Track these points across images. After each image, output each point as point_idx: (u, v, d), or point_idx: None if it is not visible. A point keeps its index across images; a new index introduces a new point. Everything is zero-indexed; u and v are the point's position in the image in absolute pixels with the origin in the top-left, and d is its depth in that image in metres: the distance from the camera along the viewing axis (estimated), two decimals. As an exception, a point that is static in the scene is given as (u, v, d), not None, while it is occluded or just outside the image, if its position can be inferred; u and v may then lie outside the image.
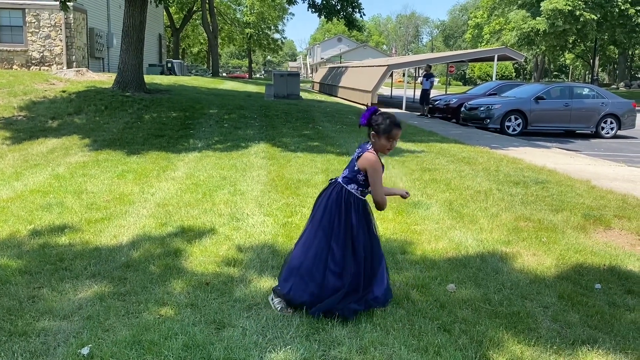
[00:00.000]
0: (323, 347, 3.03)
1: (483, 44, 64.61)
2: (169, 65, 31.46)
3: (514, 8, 44.47)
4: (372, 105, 3.41)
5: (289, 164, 8.38)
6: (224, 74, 61.83)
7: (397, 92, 35.53)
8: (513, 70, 73.29)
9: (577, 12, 35.87)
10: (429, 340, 3.12)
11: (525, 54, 41.87)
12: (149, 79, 18.92)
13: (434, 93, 21.24)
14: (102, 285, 3.81)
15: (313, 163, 8.39)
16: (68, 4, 14.30)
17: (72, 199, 6.13)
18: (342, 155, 9.21)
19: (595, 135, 15.47)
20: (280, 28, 62.04)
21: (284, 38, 68.14)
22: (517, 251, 4.74)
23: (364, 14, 19.73)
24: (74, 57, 21.69)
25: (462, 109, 16.79)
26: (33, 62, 21.57)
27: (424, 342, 3.10)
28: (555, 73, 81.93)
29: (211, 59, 44.39)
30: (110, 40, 25.63)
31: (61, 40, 21.47)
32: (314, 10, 18.83)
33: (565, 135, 15.62)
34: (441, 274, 4.14)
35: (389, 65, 23.73)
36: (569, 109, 15.22)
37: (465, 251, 4.70)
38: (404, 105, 22.77)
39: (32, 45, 21.49)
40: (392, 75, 34.23)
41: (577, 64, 70.33)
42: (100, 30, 24.54)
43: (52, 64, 21.54)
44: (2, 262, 4.20)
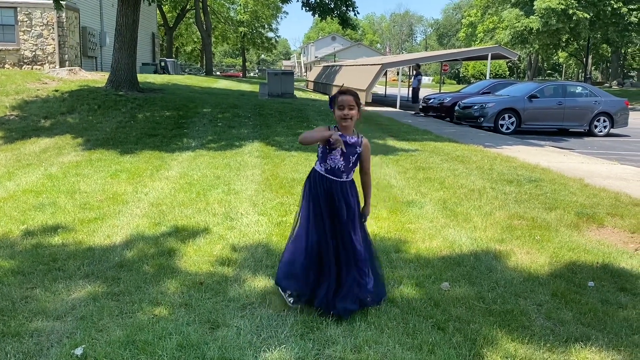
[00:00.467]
0: (317, 346, 3.03)
1: (477, 42, 64.76)
2: (163, 64, 31.36)
3: (508, 7, 44.58)
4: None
5: (283, 163, 8.37)
6: (218, 73, 61.71)
7: (391, 90, 35.56)
8: (507, 69, 73.52)
9: (570, 11, 36.03)
10: (423, 338, 3.13)
11: (518, 53, 41.97)
12: (142, 78, 18.85)
13: (429, 92, 21.30)
14: (96, 285, 3.80)
15: (307, 162, 8.38)
16: (61, 2, 14.20)
17: (65, 198, 6.10)
18: (337, 154, 9.20)
19: (588, 134, 15.54)
20: (274, 27, 62.00)
21: (278, 37, 68.16)
22: (510, 249, 4.75)
23: (358, 13, 19.77)
24: (66, 56, 21.58)
25: (456, 107, 16.84)
26: (25, 61, 21.44)
27: (418, 341, 3.10)
28: (548, 71, 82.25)
29: (205, 58, 44.25)
30: (103, 39, 25.51)
31: (53, 39, 21.35)
32: (308, 9, 18.84)
33: (558, 134, 15.68)
34: (435, 272, 4.14)
35: (383, 64, 23.74)
36: (562, 107, 15.29)
37: (459, 249, 4.71)
38: (398, 104, 22.79)
39: (24, 44, 21.37)
40: (386, 74, 34.25)
41: (570, 62, 70.64)
42: (93, 29, 24.42)
43: (45, 63, 21.42)
44: (-5, 263, 4.17)
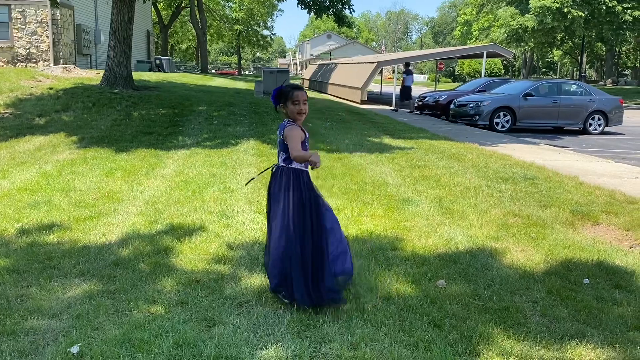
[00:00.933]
0: (314, 343, 3.03)
1: (472, 40, 64.89)
2: (158, 62, 31.25)
3: (503, 5, 44.74)
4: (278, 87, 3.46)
5: (279, 161, 8.35)
6: (213, 71, 61.60)
7: (386, 88, 35.57)
8: (502, 67, 73.77)
9: (565, 9, 36.16)
10: (420, 335, 3.13)
11: (513, 51, 42.16)
12: (137, 75, 18.78)
13: (424, 89, 21.31)
14: (92, 283, 3.79)
15: (303, 160, 8.38)
16: (56, -1, 14.15)
17: (60, 197, 6.07)
18: (332, 152, 9.21)
19: (583, 132, 15.59)
20: (269, 24, 62.09)
21: (273, 35, 68.15)
22: (506, 247, 4.76)
23: (354, 11, 19.79)
24: (61, 53, 21.47)
25: (452, 105, 16.85)
26: (19, 58, 21.34)
27: (414, 338, 3.11)
28: (543, 70, 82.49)
29: (200, 56, 44.14)
30: (97, 37, 25.41)
31: (48, 37, 21.25)
32: (303, 7, 18.84)
33: (553, 132, 15.73)
34: (431, 269, 4.15)
35: (378, 62, 23.72)
36: (557, 105, 15.33)
37: (455, 247, 4.72)
38: (393, 102, 22.80)
39: (18, 41, 21.26)
40: (381, 72, 34.28)
41: (565, 60, 70.85)
42: (88, 27, 24.32)
43: (39, 61, 21.32)
44: (-11, 261, 4.15)
